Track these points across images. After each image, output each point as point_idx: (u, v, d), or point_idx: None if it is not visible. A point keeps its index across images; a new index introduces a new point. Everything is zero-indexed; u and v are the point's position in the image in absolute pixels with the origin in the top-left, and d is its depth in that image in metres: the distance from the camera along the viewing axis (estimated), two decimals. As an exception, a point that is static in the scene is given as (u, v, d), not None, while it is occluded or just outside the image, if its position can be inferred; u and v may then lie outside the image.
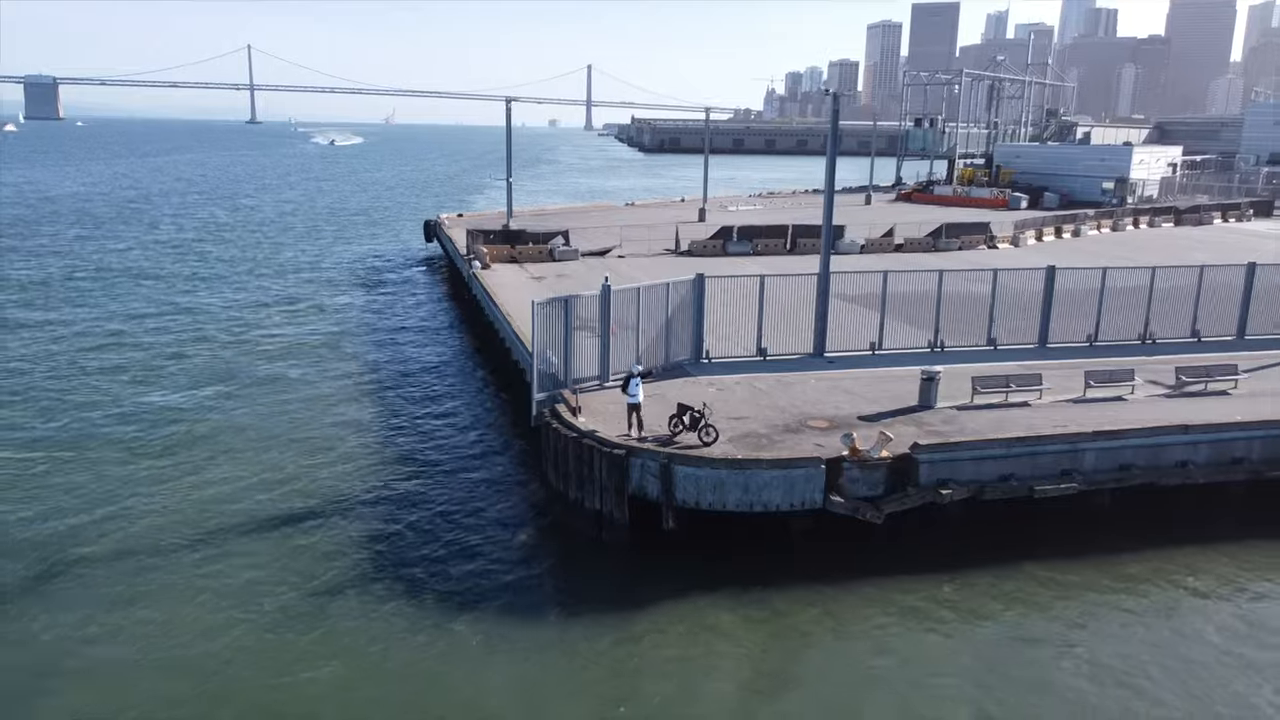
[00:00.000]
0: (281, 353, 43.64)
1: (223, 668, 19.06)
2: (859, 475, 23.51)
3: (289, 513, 26.26)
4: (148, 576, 22.58)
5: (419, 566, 23.43)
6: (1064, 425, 26.01)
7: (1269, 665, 19.58)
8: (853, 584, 22.42)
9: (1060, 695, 18.56)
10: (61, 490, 27.51)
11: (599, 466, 23.94)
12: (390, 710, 17.96)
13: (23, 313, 50.82)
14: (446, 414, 35.81)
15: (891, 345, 34.28)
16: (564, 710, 18.21)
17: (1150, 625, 21.08)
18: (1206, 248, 66.24)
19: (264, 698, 18.24)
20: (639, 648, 20.13)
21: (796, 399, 28.47)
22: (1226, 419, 26.88)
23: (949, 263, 54.74)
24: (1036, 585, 22.63)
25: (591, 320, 28.86)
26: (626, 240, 60.14)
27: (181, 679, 18.68)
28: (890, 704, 18.42)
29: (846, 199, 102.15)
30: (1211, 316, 37.06)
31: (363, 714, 17.84)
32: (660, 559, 23.49)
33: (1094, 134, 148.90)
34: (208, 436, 32.28)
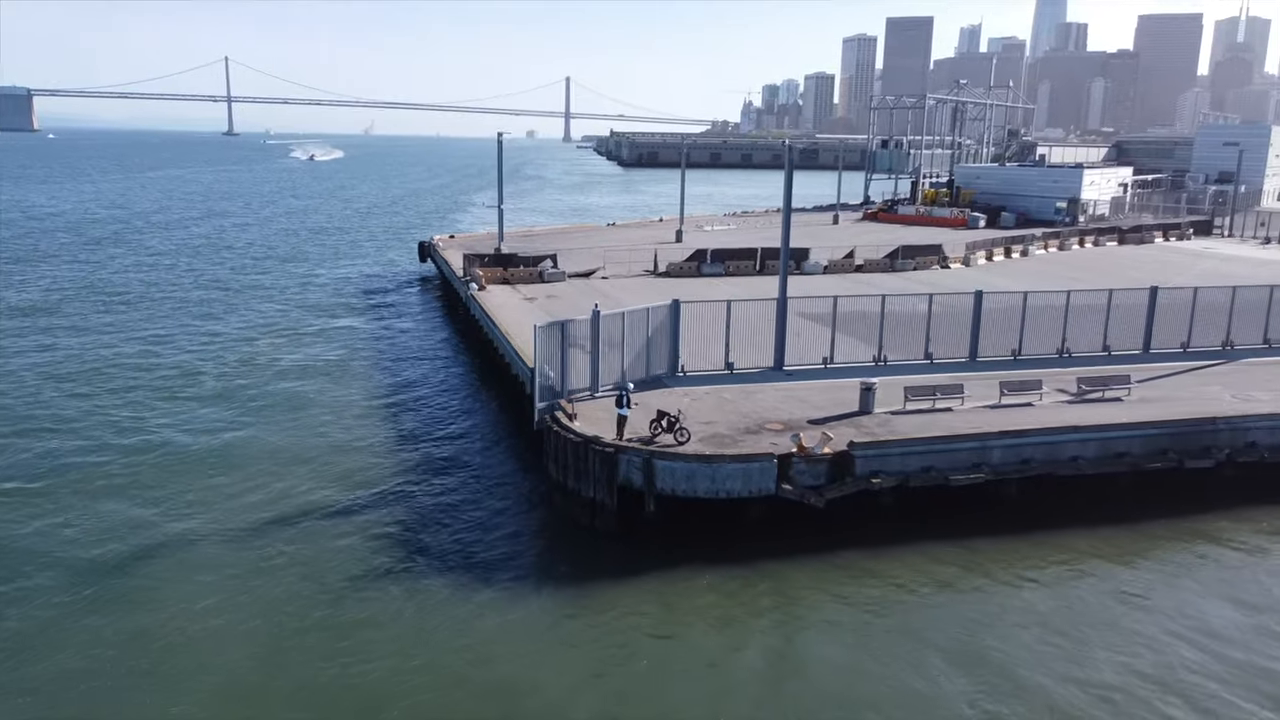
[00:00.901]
0: (297, 372, 48.28)
1: (290, 634, 23.97)
2: (805, 468, 28.69)
3: (329, 508, 31.13)
4: (209, 566, 27.42)
5: (445, 545, 28.41)
6: (978, 426, 31.32)
7: (1135, 626, 24.88)
8: (798, 555, 27.59)
9: (947, 647, 23.75)
10: (133, 498, 32.30)
11: (593, 462, 29.00)
12: (425, 664, 22.88)
13: (28, 339, 54.35)
14: (454, 421, 40.76)
15: (842, 359, 39.52)
16: (565, 655, 23.24)
17: (1042, 595, 26.35)
18: (1143, 266, 72.15)
19: (323, 652, 23.14)
20: (625, 605, 25.18)
21: (757, 406, 33.64)
22: (1113, 421, 32.29)
23: (904, 282, 60.57)
24: (950, 558, 27.83)
25: (583, 340, 33.91)
26: (609, 262, 65.28)
27: (256, 642, 23.58)
28: (826, 652, 23.56)
29: (815, 218, 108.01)
30: (1122, 333, 42.58)
31: (406, 665, 22.73)
32: (643, 537, 28.52)
33: (1054, 153, 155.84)
34: (240, 449, 37.05)
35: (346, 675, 21.82)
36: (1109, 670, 22.30)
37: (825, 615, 24.96)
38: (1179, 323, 43.25)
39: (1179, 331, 43.23)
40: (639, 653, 23.21)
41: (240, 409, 41.46)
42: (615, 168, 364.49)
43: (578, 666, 22.71)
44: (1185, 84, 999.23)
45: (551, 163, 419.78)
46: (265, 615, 24.29)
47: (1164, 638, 23.75)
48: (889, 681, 21.94)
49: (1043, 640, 23.61)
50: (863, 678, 22.19)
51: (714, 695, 21.54)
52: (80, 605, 24.61)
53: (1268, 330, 44.24)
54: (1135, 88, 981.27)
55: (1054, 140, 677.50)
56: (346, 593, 25.45)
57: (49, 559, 27.05)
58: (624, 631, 24.13)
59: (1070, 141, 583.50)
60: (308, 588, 25.65)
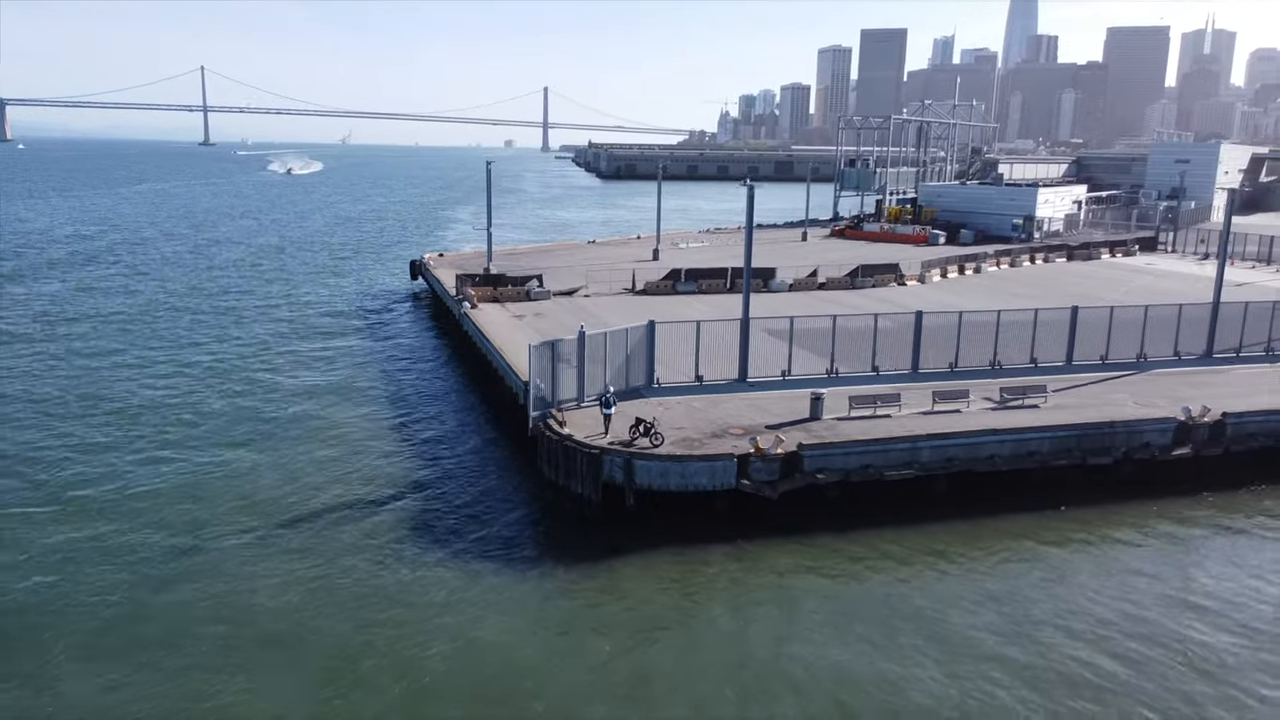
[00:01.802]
0: (305, 387, 52.86)
1: (335, 602, 28.82)
2: (761, 466, 33.78)
3: (351, 505, 35.95)
4: (267, 555, 32.20)
5: (452, 533, 33.29)
6: (910, 430, 36.54)
7: (1022, 593, 30.11)
8: (755, 540, 32.65)
9: (873, 615, 28.89)
10: (177, 506, 37.00)
11: (580, 462, 33.98)
12: (440, 627, 27.75)
13: (28, 364, 56.68)
14: (453, 428, 45.60)
15: (799, 372, 44.64)
16: (557, 615, 28.20)
17: (961, 576, 31.53)
18: (1084, 282, 77.93)
19: (354, 619, 27.98)
20: (608, 580, 30.16)
21: (722, 414, 38.72)
22: (1026, 424, 37.63)
23: (863, 300, 66.00)
24: (884, 543, 32.96)
25: (570, 357, 38.87)
26: (591, 280, 70.32)
27: (309, 606, 28.41)
28: (769, 614, 28.62)
29: (785, 234, 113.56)
30: (1047, 347, 47.99)
31: (425, 628, 27.59)
32: (624, 526, 33.48)
33: (1016, 170, 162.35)
34: (261, 457, 41.81)
35: (384, 634, 26.65)
36: (1007, 630, 27.49)
37: (773, 588, 29.98)
38: (1098, 337, 48.73)
39: (1098, 345, 48.67)
40: (618, 615, 28.16)
41: (253, 426, 46.08)
42: (594, 180, 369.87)
43: (566, 623, 27.67)
44: (1153, 95, 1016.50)
45: (530, 174, 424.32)
46: (309, 587, 29.09)
47: (1047, 605, 28.98)
48: (818, 644, 26.98)
49: (960, 605, 28.76)
50: (797, 640, 27.22)
51: (677, 648, 26.52)
52: (162, 591, 29.33)
53: (1177, 344, 49.81)
54: (1105, 99, 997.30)
55: (1025, 151, 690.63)
56: (374, 571, 30.26)
57: (108, 563, 31.73)
58: (606, 599, 29.07)
59: (1039, 153, 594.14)
60: (341, 566, 30.44)
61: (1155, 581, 30.41)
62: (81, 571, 30.04)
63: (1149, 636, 27.02)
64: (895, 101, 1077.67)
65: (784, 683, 24.84)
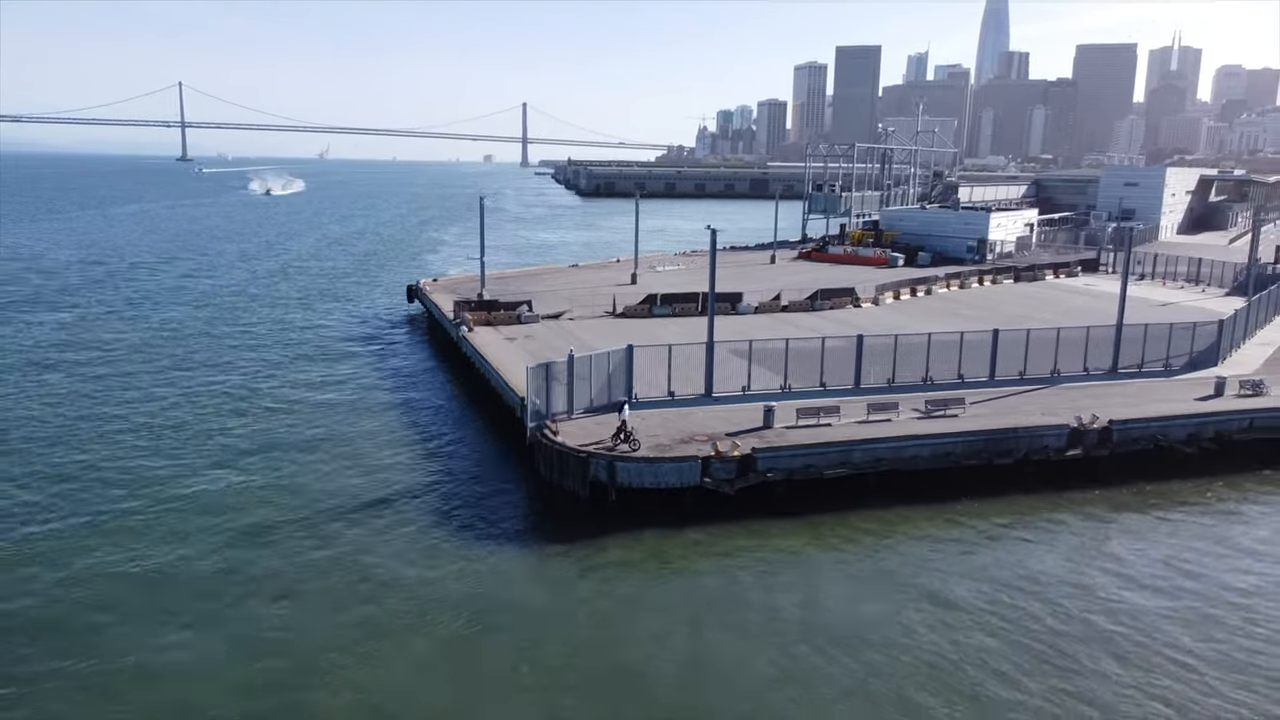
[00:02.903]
0: (319, 406, 59.45)
1: (377, 572, 35.69)
2: (720, 466, 40.90)
3: (381, 502, 42.77)
4: (320, 546, 39.00)
5: (467, 521, 40.18)
6: (845, 436, 43.78)
7: (943, 568, 37.34)
8: (714, 527, 39.72)
9: (813, 585, 36.05)
10: (230, 516, 43.73)
11: (571, 464, 40.99)
12: (451, 594, 34.65)
13: (39, 393, 63.12)
14: (457, 438, 52.45)
15: (757, 387, 51.81)
16: (552, 584, 35.15)
17: (887, 550, 38.73)
18: (1024, 303, 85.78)
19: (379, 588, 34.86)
20: (594, 559, 37.14)
21: (690, 424, 45.83)
22: (943, 431, 44.96)
23: (821, 321, 73.34)
24: (823, 531, 40.08)
25: (561, 376, 45.86)
26: (575, 304, 77.44)
27: (352, 581, 35.28)
28: (725, 587, 35.70)
29: (754, 257, 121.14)
30: (973, 364, 55.43)
31: (451, 587, 34.46)
32: (607, 517, 40.44)
33: (975, 192, 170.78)
34: (291, 468, 48.59)
35: (419, 592, 33.51)
36: (922, 598, 34.69)
37: (723, 562, 37.04)
38: (1018, 356, 56.26)
39: (1018, 363, 56.22)
40: (601, 585, 35.16)
41: (277, 440, 52.80)
42: (574, 198, 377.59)
43: (560, 590, 34.65)
44: (1122, 111, 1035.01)
45: (510, 192, 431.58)
46: (352, 568, 35.93)
47: (980, 588, 36.21)
48: (755, 598, 34.07)
49: (888, 578, 35.95)
50: (746, 605, 34.30)
51: (642, 598, 33.54)
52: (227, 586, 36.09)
53: (1086, 361, 57.42)
54: (1074, 115, 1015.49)
55: (996, 167, 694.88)
56: (405, 550, 37.12)
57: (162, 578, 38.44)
58: (593, 573, 36.07)
59: (1009, 170, 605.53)
60: (378, 548, 37.26)
61: (1035, 558, 37.74)
62: (153, 572, 36.72)
63: (1036, 595, 34.29)
64: (870, 117, 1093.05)
65: (721, 621, 31.88)
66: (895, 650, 30.62)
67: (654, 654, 30.64)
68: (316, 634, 31.19)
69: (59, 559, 36.23)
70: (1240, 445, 49.29)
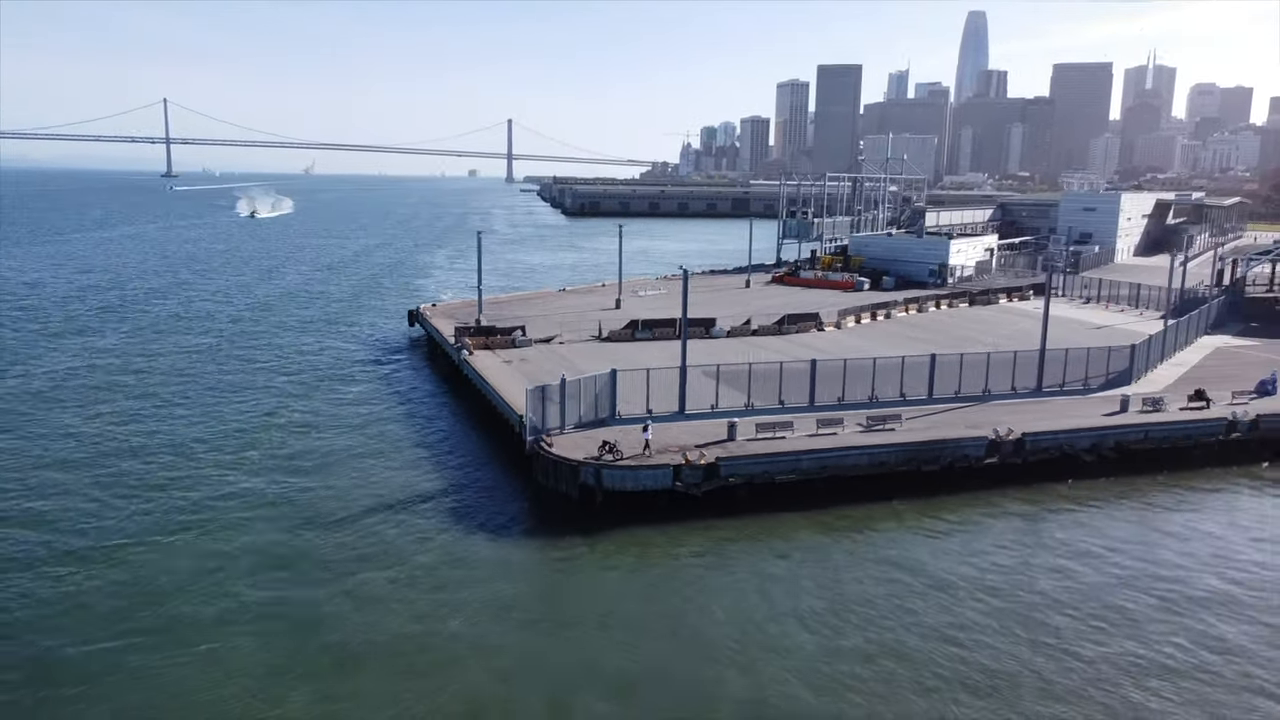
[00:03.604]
0: (335, 423, 67.00)
1: (407, 561, 43.31)
2: (690, 472, 48.71)
3: (397, 505, 50.37)
4: (362, 541, 46.60)
5: (474, 520, 47.82)
6: (796, 447, 51.68)
7: (881, 557, 45.24)
8: (686, 524, 47.48)
9: (771, 574, 43.89)
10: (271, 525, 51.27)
11: (564, 471, 48.72)
12: (467, 578, 42.30)
13: (53, 426, 72.88)
14: (462, 450, 60.05)
15: (724, 405, 59.66)
16: (549, 572, 42.86)
17: (831, 543, 46.62)
18: (972, 326, 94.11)
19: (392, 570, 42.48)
20: (583, 553, 44.86)
21: (665, 436, 53.62)
22: (879, 442, 52.94)
23: (787, 344, 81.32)
24: (775, 526, 47.89)
25: (555, 396, 53.60)
26: (564, 329, 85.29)
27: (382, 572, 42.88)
28: (694, 575, 43.49)
29: (731, 281, 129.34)
30: (913, 384, 63.46)
31: (462, 575, 42.09)
32: (595, 516, 48.13)
33: (942, 217, 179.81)
34: (314, 479, 56.13)
35: (433, 576, 41.09)
36: (868, 584, 42.56)
37: (697, 555, 44.78)
38: (953, 376, 64.38)
39: (953, 383, 64.32)
40: (589, 573, 42.87)
41: (302, 451, 60.33)
42: (560, 217, 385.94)
43: (556, 578, 42.35)
44: (1098, 129, 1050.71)
45: (498, 210, 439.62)
46: (379, 560, 43.51)
47: (890, 569, 44.09)
48: (710, 581, 41.85)
49: (819, 564, 43.80)
50: (716, 591, 42.07)
51: (624, 580, 41.27)
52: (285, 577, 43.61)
53: (1013, 381, 65.59)
54: (1052, 132, 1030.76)
55: (974, 185, 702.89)
56: (422, 545, 44.72)
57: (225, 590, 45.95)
58: (582, 565, 43.79)
59: (984, 188, 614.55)
60: (400, 544, 44.85)
61: (956, 547, 45.70)
62: (215, 572, 44.21)
63: (948, 581, 42.20)
64: (852, 134, 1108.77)
65: (690, 597, 39.62)
66: (828, 617, 38.44)
67: (635, 625, 38.37)
68: (359, 615, 38.80)
69: (120, 564, 43.72)
70: (1138, 454, 57.51)
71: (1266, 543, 46.85)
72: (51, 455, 57.21)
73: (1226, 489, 55.07)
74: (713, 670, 34.57)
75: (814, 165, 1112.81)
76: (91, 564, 42.29)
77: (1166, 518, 50.21)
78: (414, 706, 32.09)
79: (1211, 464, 58.27)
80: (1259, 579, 42.67)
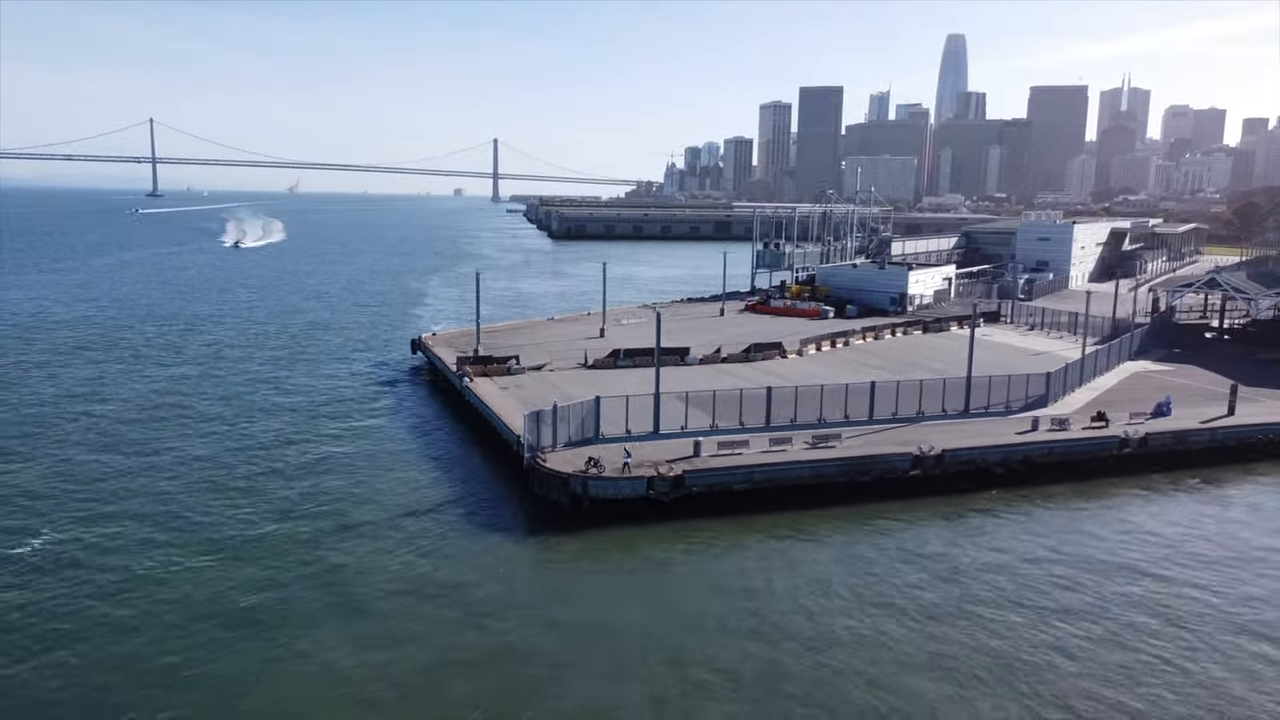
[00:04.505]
0: (351, 444, 76.80)
1: (433, 549, 53.02)
2: (661, 483, 58.63)
3: (413, 513, 60.05)
4: (372, 546, 56.30)
5: (468, 524, 57.55)
6: (749, 461, 61.68)
7: (815, 557, 55.26)
8: (657, 526, 57.33)
9: (728, 572, 53.84)
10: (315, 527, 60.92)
11: (556, 482, 58.56)
12: (474, 575, 52.04)
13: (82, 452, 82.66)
14: (464, 465, 69.76)
15: (693, 426, 69.56)
16: (542, 567, 52.66)
17: (785, 543, 56.57)
18: (926, 353, 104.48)
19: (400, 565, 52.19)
20: (575, 545, 54.66)
21: (641, 453, 63.42)
22: (821, 457, 63.02)
23: (753, 370, 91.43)
24: (731, 528, 57.76)
25: (548, 419, 63.40)
26: (554, 357, 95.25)
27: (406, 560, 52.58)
28: (667, 569, 53.38)
29: (706, 309, 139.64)
30: (856, 406, 73.57)
31: (468, 572, 51.81)
32: (583, 520, 57.86)
33: (908, 246, 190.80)
34: (337, 487, 65.81)
35: (443, 572, 50.74)
36: (800, 568, 52.49)
37: (666, 550, 54.59)
38: (891, 400, 74.56)
39: (891, 405, 74.50)
40: (578, 560, 52.66)
41: (320, 465, 69.93)
42: (546, 241, 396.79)
43: (552, 569, 52.13)
44: (1074, 151, 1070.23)
45: (485, 233, 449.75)
46: (391, 558, 53.15)
47: (830, 565, 54.03)
48: (686, 575, 51.70)
49: (780, 565, 53.73)
50: (680, 576, 51.91)
51: (607, 572, 51.08)
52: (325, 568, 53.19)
53: (943, 403, 75.84)
54: (1029, 154, 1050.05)
55: (951, 206, 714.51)
56: (435, 545, 54.38)
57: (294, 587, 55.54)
58: (573, 553, 53.59)
59: (960, 211, 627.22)
60: (417, 546, 54.49)
61: (891, 553, 55.73)
62: (277, 572, 53.80)
63: (873, 581, 52.17)
64: (833, 155, 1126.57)
65: (663, 584, 49.44)
66: (764, 596, 48.35)
67: (620, 605, 48.17)
68: (382, 603, 48.51)
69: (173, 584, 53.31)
70: (1043, 467, 67.79)
71: (1131, 534, 57.12)
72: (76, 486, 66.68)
73: (1120, 496, 65.27)
74: (674, 627, 44.39)
75: (797, 185, 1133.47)
76: (225, 557, 51.84)
77: (1063, 518, 60.45)
78: (449, 652, 41.78)
79: (1108, 475, 68.61)
80: (1106, 564, 52.92)
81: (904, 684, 40.01)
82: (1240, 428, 74.29)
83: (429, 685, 39.86)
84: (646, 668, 41.35)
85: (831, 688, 39.81)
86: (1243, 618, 46.62)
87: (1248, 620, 46.35)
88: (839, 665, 41.57)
